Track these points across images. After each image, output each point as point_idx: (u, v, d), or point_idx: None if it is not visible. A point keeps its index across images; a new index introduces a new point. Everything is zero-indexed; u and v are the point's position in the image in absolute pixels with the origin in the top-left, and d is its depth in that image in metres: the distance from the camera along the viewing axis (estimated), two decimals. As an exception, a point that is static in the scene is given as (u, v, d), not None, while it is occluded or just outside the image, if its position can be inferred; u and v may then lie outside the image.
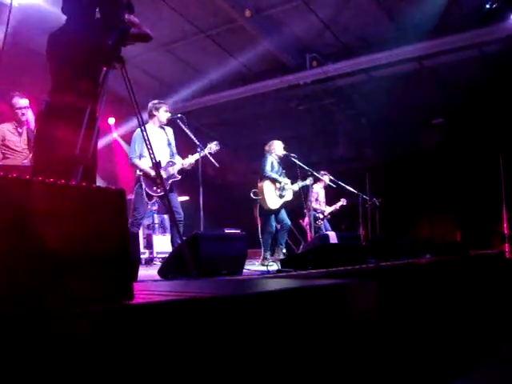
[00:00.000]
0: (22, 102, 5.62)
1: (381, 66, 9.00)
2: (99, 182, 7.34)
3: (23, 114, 5.61)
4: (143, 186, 5.61)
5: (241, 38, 8.87)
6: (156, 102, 5.97)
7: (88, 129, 3.15)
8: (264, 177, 7.42)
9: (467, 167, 9.82)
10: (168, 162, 5.72)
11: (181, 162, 5.79)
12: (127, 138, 10.91)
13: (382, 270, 4.21)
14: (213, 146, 5.96)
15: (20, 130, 5.65)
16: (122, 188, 1.66)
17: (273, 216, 7.39)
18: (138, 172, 5.69)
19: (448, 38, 8.16)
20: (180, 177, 5.76)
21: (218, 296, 1.84)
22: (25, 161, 5.51)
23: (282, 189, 7.45)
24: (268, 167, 7.42)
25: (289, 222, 7.56)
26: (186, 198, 8.63)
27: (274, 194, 7.39)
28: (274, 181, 7.41)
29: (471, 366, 3.00)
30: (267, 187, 7.36)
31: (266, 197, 7.31)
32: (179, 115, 5.75)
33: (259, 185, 7.43)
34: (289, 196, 7.56)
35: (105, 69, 3.34)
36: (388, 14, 8.24)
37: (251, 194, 7.56)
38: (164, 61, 9.77)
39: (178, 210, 5.55)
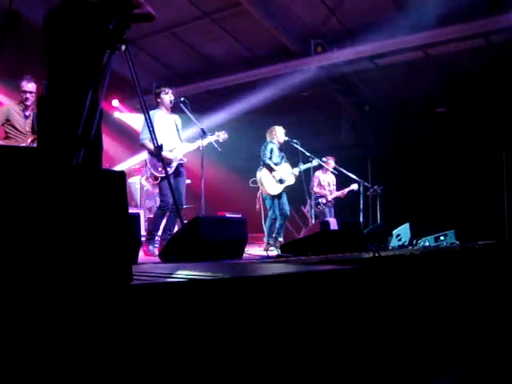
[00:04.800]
0: (29, 86, 5.64)
1: (386, 53, 8.94)
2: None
3: (27, 99, 5.64)
4: (148, 167, 5.70)
5: (246, 22, 8.83)
6: (155, 86, 6.03)
7: (90, 111, 3.16)
8: (262, 164, 7.42)
9: (469, 156, 9.81)
10: (174, 146, 5.76)
11: (187, 146, 5.85)
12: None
13: (380, 258, 4.22)
14: (221, 135, 6.01)
15: (27, 114, 5.67)
16: (122, 170, 1.67)
17: (276, 201, 7.38)
18: (146, 154, 5.77)
19: (454, 27, 8.09)
20: (186, 160, 5.81)
21: (216, 278, 1.86)
22: (24, 144, 5.53)
23: (280, 175, 7.43)
24: (267, 154, 7.41)
25: (288, 212, 7.54)
26: (188, 181, 8.63)
27: (273, 180, 7.38)
28: (270, 169, 7.41)
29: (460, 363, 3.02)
30: (265, 174, 7.35)
31: (265, 184, 7.30)
32: (182, 99, 5.77)
33: (258, 173, 7.42)
34: (290, 181, 7.55)
35: (108, 51, 3.33)
36: (394, 2, 8.18)
37: (250, 183, 7.56)
38: (168, 44, 9.74)
39: (180, 196, 5.59)
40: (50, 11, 3.55)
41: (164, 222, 5.79)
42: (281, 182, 7.41)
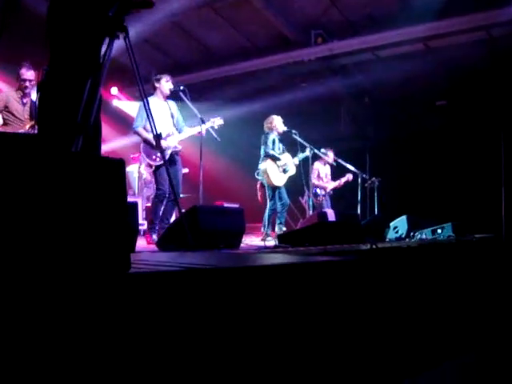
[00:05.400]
0: (28, 74, 5.63)
1: (386, 45, 8.92)
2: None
3: (26, 87, 5.63)
4: (142, 155, 5.70)
5: (246, 11, 8.79)
6: (156, 73, 6.04)
7: (90, 98, 3.14)
8: (266, 156, 7.40)
9: (468, 150, 9.81)
10: (168, 134, 5.74)
11: (182, 134, 5.84)
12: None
13: (378, 250, 4.23)
14: (216, 121, 6.00)
15: (25, 101, 5.67)
16: (121, 158, 1.66)
17: (277, 192, 7.39)
18: (142, 142, 5.75)
19: (455, 20, 8.08)
20: (181, 147, 5.80)
21: (214, 268, 1.86)
22: (21, 130, 5.52)
23: (285, 164, 7.44)
24: (270, 145, 7.40)
25: (288, 201, 7.57)
26: (186, 170, 8.61)
27: (278, 170, 7.37)
28: (275, 159, 7.40)
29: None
30: (270, 166, 7.34)
31: (270, 175, 7.29)
32: (182, 87, 5.76)
33: (262, 164, 7.39)
34: (292, 170, 7.55)
35: (108, 38, 3.32)
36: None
37: (255, 175, 7.54)
38: (168, 32, 9.69)
39: (177, 185, 5.58)
40: None
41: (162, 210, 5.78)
42: (284, 171, 7.42)
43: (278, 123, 7.56)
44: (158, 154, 5.44)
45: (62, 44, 3.45)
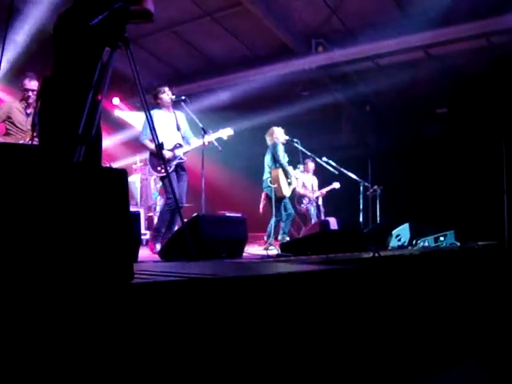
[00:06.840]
0: (32, 84, 5.65)
1: (387, 53, 8.94)
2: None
3: (29, 97, 5.65)
4: (148, 166, 5.70)
5: (247, 21, 8.83)
6: (154, 86, 6.05)
7: (91, 109, 3.15)
8: (279, 165, 7.43)
9: (470, 157, 9.80)
10: (175, 145, 5.74)
11: (187, 146, 5.84)
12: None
13: (380, 258, 4.22)
14: (225, 132, 5.94)
15: (28, 111, 5.68)
16: (123, 169, 1.67)
17: (282, 203, 7.44)
18: (149, 154, 5.76)
19: (455, 27, 8.08)
20: (186, 159, 5.80)
21: (217, 277, 1.86)
22: (22, 141, 5.54)
23: (290, 176, 7.50)
24: (281, 155, 7.44)
25: (293, 212, 7.65)
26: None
27: (286, 181, 7.44)
28: (284, 170, 7.45)
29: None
30: (281, 175, 7.39)
31: (281, 185, 7.34)
32: (183, 97, 5.76)
33: (274, 172, 7.41)
34: (295, 183, 7.64)
35: (109, 49, 3.33)
36: (396, 1, 8.17)
37: (268, 182, 7.55)
38: (169, 42, 9.73)
39: (181, 195, 5.59)
40: (59, 16, 3.55)
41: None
42: (289, 184, 7.48)
43: (279, 134, 7.58)
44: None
45: (64, 55, 3.48)
